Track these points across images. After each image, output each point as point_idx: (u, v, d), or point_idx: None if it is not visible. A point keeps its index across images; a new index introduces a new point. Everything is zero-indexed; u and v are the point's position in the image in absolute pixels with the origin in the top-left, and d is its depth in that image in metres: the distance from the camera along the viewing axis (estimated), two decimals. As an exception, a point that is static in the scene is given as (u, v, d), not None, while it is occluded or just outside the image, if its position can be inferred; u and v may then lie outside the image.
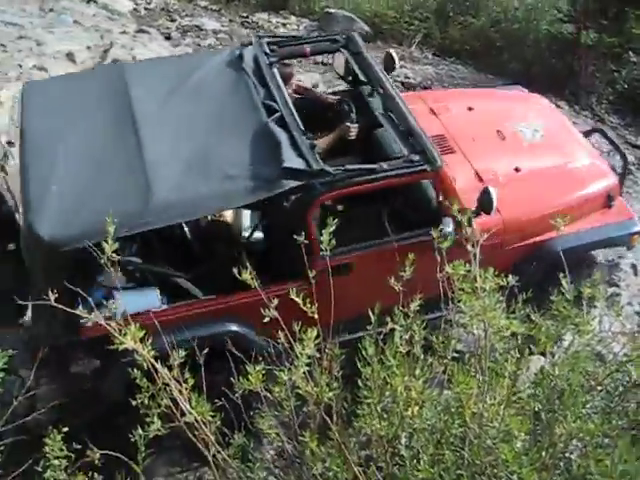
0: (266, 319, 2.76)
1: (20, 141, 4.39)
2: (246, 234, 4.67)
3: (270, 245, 4.54)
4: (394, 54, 5.17)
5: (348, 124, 4.69)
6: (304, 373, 2.55)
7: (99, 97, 4.47)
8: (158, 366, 2.49)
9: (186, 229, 4.52)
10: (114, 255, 2.63)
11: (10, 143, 6.14)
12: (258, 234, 4.64)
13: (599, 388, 2.89)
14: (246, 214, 4.75)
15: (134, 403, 2.63)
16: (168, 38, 10.12)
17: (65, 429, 2.74)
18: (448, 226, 4.08)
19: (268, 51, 4.71)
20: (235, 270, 2.86)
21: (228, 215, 4.74)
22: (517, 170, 4.79)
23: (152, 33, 9.89)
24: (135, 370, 2.60)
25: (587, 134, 5.66)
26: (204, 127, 4.27)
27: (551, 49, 10.48)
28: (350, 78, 5.24)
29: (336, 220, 2.94)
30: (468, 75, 10.19)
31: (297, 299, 2.71)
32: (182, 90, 4.44)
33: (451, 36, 11.24)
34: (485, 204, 4.17)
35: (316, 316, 2.72)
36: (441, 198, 4.27)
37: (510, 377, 2.55)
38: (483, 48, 11.07)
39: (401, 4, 12.53)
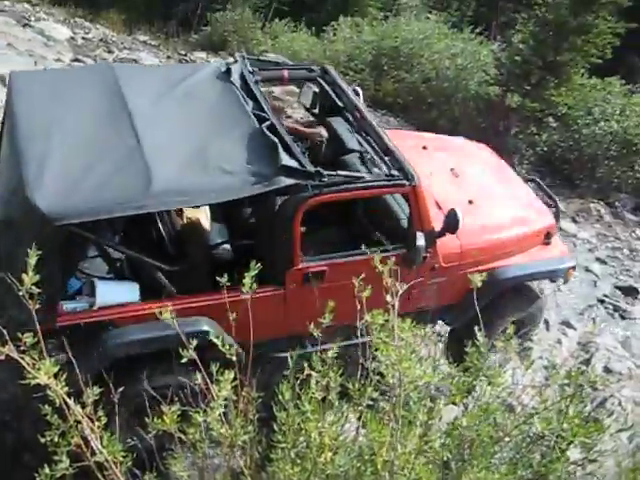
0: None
1: (6, 126, 4.35)
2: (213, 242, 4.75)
3: (242, 249, 4.55)
4: (359, 90, 5.44)
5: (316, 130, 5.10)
6: (219, 415, 2.53)
7: (91, 90, 4.55)
8: (70, 403, 2.42)
9: (161, 228, 4.54)
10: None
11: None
12: (225, 245, 4.73)
13: (507, 439, 2.98)
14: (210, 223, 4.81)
15: (43, 440, 2.53)
16: (104, 69, 10.04)
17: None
18: (421, 240, 4.32)
19: (251, 70, 4.93)
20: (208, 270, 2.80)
21: (203, 220, 4.72)
22: (470, 202, 5.02)
23: (88, 63, 9.80)
24: (46, 406, 2.49)
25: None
26: (198, 126, 4.40)
27: (478, 108, 10.97)
28: (316, 110, 5.51)
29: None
30: (399, 127, 10.51)
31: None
32: (173, 92, 4.61)
33: (384, 89, 11.64)
34: (451, 224, 4.43)
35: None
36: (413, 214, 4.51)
37: (422, 426, 2.60)
38: (414, 103, 11.50)
39: (338, 54, 12.93)
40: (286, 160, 4.07)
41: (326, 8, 26.82)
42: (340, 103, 5.18)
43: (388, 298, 2.62)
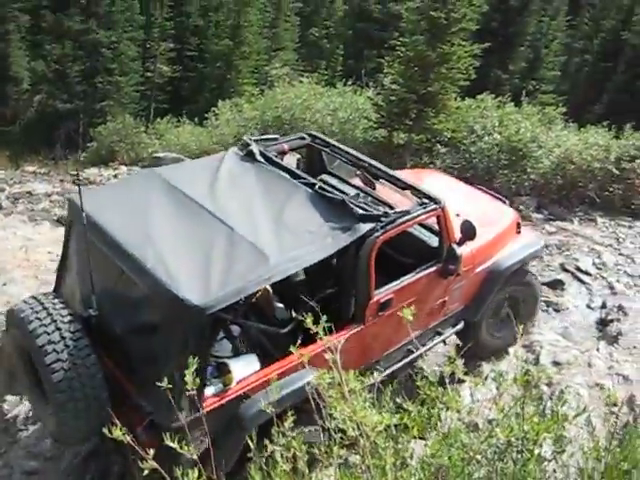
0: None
1: (82, 240, 4.45)
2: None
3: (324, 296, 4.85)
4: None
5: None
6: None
7: (153, 193, 4.88)
8: None
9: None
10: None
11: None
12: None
13: (478, 457, 3.04)
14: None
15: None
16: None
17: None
18: (459, 250, 5.07)
19: (264, 149, 5.48)
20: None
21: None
22: (458, 215, 5.50)
23: (-21, 208, 9.66)
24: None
25: None
26: (264, 205, 4.81)
27: (371, 153, 11.34)
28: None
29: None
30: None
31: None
32: (218, 182, 5.05)
33: (278, 158, 11.88)
34: (469, 233, 5.09)
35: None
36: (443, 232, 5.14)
37: (394, 469, 2.64)
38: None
39: (225, 137, 13.21)
40: (358, 210, 4.62)
41: (203, 96, 27.53)
42: (341, 159, 5.78)
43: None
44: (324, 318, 3.08)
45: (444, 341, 5.87)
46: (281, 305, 5.15)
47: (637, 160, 10.16)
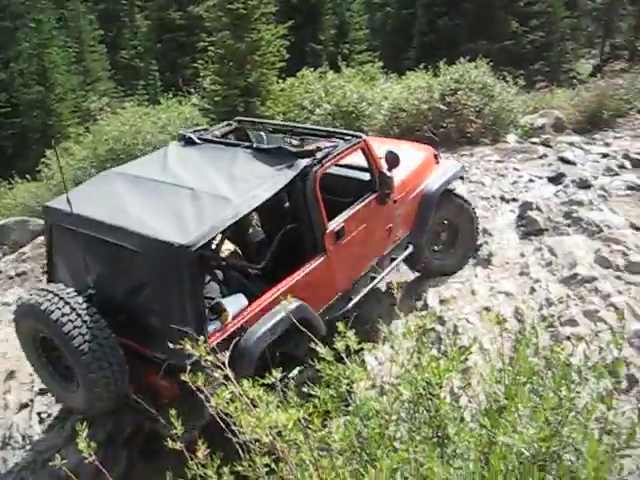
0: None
1: (69, 235, 4.89)
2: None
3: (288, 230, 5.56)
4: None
5: None
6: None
7: (116, 184, 5.40)
8: None
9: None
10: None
11: None
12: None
13: (394, 418, 3.08)
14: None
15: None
16: None
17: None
18: (388, 173, 5.81)
19: (202, 135, 6.22)
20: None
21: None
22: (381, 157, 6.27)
23: None
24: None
25: None
26: (214, 169, 5.40)
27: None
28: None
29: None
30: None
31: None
32: (171, 164, 5.65)
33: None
34: (393, 160, 5.81)
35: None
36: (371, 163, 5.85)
37: (312, 461, 2.62)
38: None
39: (62, 185, 12.59)
40: (294, 150, 5.40)
41: (31, 150, 26.09)
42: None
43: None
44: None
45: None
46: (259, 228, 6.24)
47: (459, 92, 10.70)
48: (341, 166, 5.96)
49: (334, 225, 5.44)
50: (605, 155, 12.24)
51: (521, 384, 2.63)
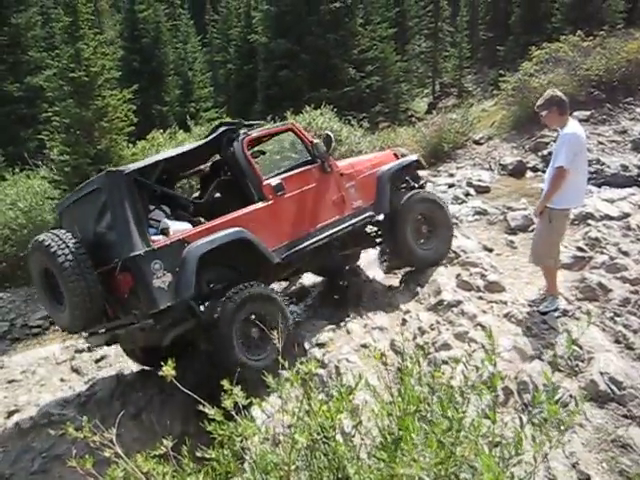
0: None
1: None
2: None
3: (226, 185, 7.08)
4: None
5: None
6: None
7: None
8: None
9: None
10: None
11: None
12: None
13: (292, 468, 3.07)
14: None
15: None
16: None
17: None
18: (322, 149, 6.96)
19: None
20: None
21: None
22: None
23: None
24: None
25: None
26: None
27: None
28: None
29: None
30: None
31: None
32: None
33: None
34: (327, 141, 7.01)
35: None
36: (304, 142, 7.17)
37: None
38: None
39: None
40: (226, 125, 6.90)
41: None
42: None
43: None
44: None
45: None
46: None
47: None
48: None
49: (271, 180, 6.62)
50: (451, 185, 13.07)
51: (411, 413, 2.72)
